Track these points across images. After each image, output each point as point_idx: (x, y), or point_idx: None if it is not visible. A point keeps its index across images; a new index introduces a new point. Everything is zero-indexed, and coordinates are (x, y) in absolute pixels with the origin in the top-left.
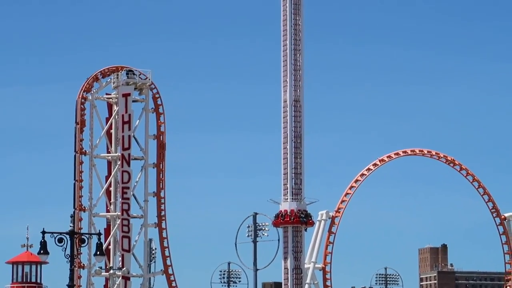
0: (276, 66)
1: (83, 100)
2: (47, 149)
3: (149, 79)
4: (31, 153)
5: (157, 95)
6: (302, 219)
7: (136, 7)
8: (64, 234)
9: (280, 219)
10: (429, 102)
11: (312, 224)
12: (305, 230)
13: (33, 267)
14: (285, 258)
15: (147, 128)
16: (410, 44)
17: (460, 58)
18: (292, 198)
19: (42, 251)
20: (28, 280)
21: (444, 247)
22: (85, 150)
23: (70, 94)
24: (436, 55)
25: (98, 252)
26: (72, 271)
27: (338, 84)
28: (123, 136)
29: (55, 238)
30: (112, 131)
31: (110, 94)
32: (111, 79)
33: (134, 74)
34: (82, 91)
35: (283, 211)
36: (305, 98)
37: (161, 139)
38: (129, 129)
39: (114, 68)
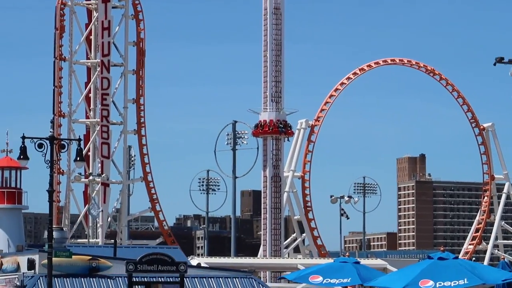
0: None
1: (62, 6)
2: (26, 55)
3: None
4: (10, 59)
5: (136, 1)
6: (281, 129)
7: None
8: (44, 140)
9: (259, 129)
10: (409, 12)
11: (292, 134)
12: (287, 139)
13: (13, 172)
14: (264, 167)
15: (126, 35)
16: None
17: None
18: (272, 108)
19: (22, 156)
20: (8, 185)
21: (422, 157)
22: (64, 56)
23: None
24: None
25: (78, 158)
26: (51, 176)
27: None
28: (102, 43)
29: (35, 144)
30: (92, 37)
31: (90, 0)
32: None
33: None
34: None
35: (262, 121)
36: (286, 5)
37: (141, 45)
38: (109, 35)
39: None
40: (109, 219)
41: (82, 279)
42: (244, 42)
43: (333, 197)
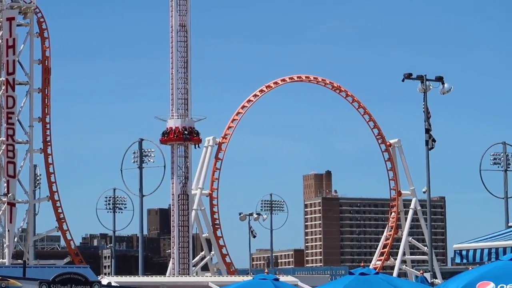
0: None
1: None
2: None
3: (34, 3)
4: None
5: (41, 19)
6: (185, 136)
7: None
8: None
9: (165, 137)
10: (315, 29)
11: (199, 141)
12: (197, 146)
13: None
14: (172, 180)
15: (31, 53)
16: None
17: None
18: (179, 116)
19: None
20: None
21: (328, 173)
22: None
23: None
24: None
25: None
26: None
27: (227, 8)
28: (7, 61)
29: None
30: None
31: None
32: None
33: None
34: None
35: (168, 128)
36: (192, 22)
37: (46, 63)
38: (14, 54)
39: None
40: (15, 239)
41: None
42: (151, 58)
43: (242, 215)
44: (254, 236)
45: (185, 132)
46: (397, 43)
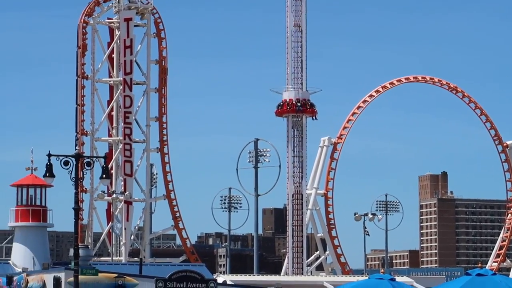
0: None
1: (84, 25)
2: (50, 74)
3: (151, 4)
4: (34, 77)
5: (158, 20)
6: (298, 108)
7: None
8: (70, 157)
9: (279, 109)
10: (432, 29)
11: (314, 113)
12: (315, 118)
13: (38, 190)
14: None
15: (149, 53)
16: None
17: None
18: (293, 88)
19: (48, 174)
20: (33, 203)
21: (444, 174)
22: (87, 75)
23: (72, 18)
24: None
25: (103, 175)
26: (77, 194)
27: (343, 10)
28: (125, 61)
29: (60, 161)
30: (114, 55)
31: (112, 19)
32: (112, 3)
33: None
34: (84, 15)
35: (283, 100)
36: (308, 23)
37: (163, 64)
38: (131, 54)
39: None
40: (132, 237)
41: None
42: (265, 58)
43: (357, 215)
44: (368, 235)
45: (298, 103)
46: None
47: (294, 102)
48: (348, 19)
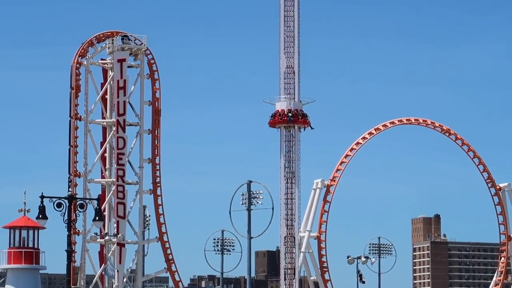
0: (274, 34)
1: (78, 65)
2: (42, 114)
3: (144, 45)
4: (26, 118)
5: (152, 61)
6: (289, 118)
7: None
8: (63, 199)
9: (271, 119)
10: (425, 71)
11: (307, 123)
12: (309, 127)
13: (30, 232)
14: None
15: (142, 94)
16: (404, 12)
17: (453, 27)
18: (286, 98)
19: (40, 216)
20: (25, 245)
21: (437, 217)
22: (80, 116)
23: (65, 59)
24: (432, 20)
25: (96, 217)
26: (70, 236)
27: (334, 50)
28: (118, 102)
29: (53, 203)
30: (107, 96)
31: (105, 60)
32: (106, 44)
33: (129, 39)
34: (77, 56)
35: (276, 111)
36: (302, 65)
37: (156, 105)
38: (124, 95)
39: (109, 33)
40: (124, 279)
41: None
42: (259, 101)
43: (350, 258)
44: (363, 282)
45: (289, 114)
46: (506, 84)
47: (285, 113)
48: (340, 59)
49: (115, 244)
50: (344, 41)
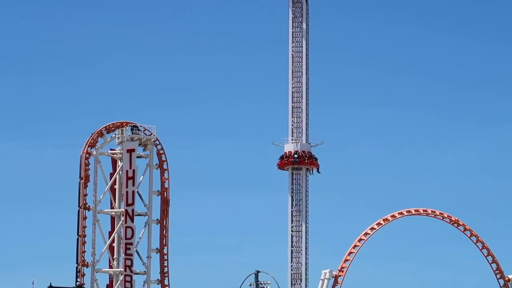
0: (283, 125)
1: (87, 155)
2: (51, 204)
3: (154, 135)
4: (35, 207)
5: (161, 151)
6: (295, 160)
7: (141, 64)
8: None
9: (278, 161)
10: (433, 161)
11: (317, 165)
12: (316, 171)
13: None
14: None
15: (151, 184)
16: (407, 105)
17: (458, 121)
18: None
19: None
20: None
21: None
22: (88, 206)
23: (75, 149)
24: (434, 117)
25: None
26: None
27: (340, 142)
28: (127, 192)
29: None
30: (116, 186)
31: (115, 150)
32: (115, 134)
33: (138, 129)
34: (87, 146)
35: (285, 152)
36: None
37: (165, 195)
38: (133, 185)
39: (118, 124)
40: None
41: None
42: (269, 192)
43: None
44: None
45: (295, 155)
46: None
47: (292, 154)
48: (347, 151)
49: None
50: (348, 135)
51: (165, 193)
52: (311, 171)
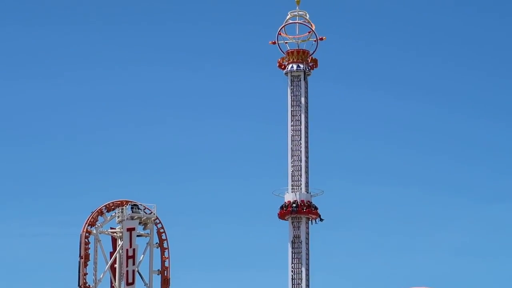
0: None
1: (87, 234)
2: (51, 283)
3: (154, 214)
4: (34, 286)
5: (161, 230)
6: (293, 209)
7: (141, 141)
8: None
9: (279, 210)
10: (432, 241)
11: (317, 215)
12: (319, 220)
13: None
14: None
15: (151, 263)
16: (405, 183)
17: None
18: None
19: None
20: None
21: None
22: (89, 285)
23: (74, 227)
24: (430, 197)
25: None
26: None
27: (342, 223)
28: (127, 271)
29: None
30: (116, 265)
31: (115, 228)
32: (115, 213)
33: (138, 208)
34: (87, 225)
35: (285, 202)
36: (311, 234)
37: (165, 274)
38: (134, 264)
39: (118, 202)
40: None
41: None
42: (270, 270)
43: None
44: None
45: (293, 205)
46: None
47: (291, 204)
48: (348, 232)
49: None
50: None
51: (166, 272)
52: (312, 221)
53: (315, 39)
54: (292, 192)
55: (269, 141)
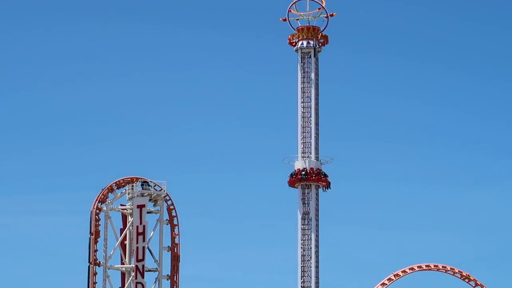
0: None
1: (97, 211)
2: (61, 260)
3: (164, 190)
4: (45, 262)
5: (171, 207)
6: (302, 177)
7: (151, 117)
8: None
9: (289, 178)
10: (443, 215)
11: (327, 183)
12: (327, 188)
13: None
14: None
15: (161, 240)
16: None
17: (475, 170)
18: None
19: None
20: None
21: None
22: (99, 261)
23: (85, 204)
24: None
25: None
26: None
27: (350, 198)
28: (137, 248)
29: None
30: (127, 242)
31: (125, 205)
32: (126, 190)
33: (149, 185)
34: (97, 202)
35: (295, 170)
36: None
37: (175, 251)
38: (144, 241)
39: (129, 179)
40: None
41: None
42: (280, 249)
43: None
44: None
45: (302, 172)
46: None
47: (300, 172)
48: (356, 207)
49: None
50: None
51: (176, 248)
52: (323, 188)
53: (325, 15)
54: (302, 159)
55: (279, 117)
